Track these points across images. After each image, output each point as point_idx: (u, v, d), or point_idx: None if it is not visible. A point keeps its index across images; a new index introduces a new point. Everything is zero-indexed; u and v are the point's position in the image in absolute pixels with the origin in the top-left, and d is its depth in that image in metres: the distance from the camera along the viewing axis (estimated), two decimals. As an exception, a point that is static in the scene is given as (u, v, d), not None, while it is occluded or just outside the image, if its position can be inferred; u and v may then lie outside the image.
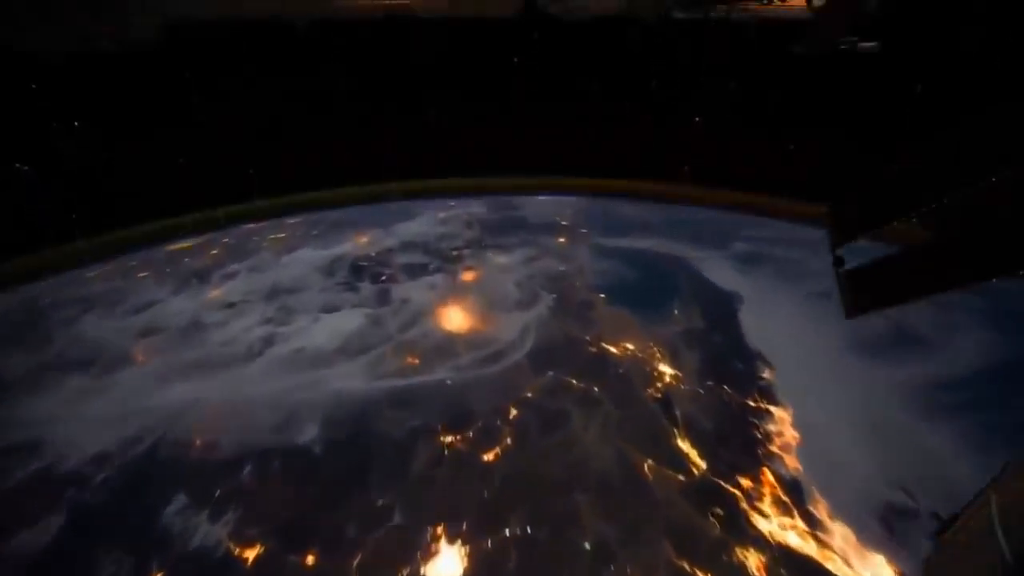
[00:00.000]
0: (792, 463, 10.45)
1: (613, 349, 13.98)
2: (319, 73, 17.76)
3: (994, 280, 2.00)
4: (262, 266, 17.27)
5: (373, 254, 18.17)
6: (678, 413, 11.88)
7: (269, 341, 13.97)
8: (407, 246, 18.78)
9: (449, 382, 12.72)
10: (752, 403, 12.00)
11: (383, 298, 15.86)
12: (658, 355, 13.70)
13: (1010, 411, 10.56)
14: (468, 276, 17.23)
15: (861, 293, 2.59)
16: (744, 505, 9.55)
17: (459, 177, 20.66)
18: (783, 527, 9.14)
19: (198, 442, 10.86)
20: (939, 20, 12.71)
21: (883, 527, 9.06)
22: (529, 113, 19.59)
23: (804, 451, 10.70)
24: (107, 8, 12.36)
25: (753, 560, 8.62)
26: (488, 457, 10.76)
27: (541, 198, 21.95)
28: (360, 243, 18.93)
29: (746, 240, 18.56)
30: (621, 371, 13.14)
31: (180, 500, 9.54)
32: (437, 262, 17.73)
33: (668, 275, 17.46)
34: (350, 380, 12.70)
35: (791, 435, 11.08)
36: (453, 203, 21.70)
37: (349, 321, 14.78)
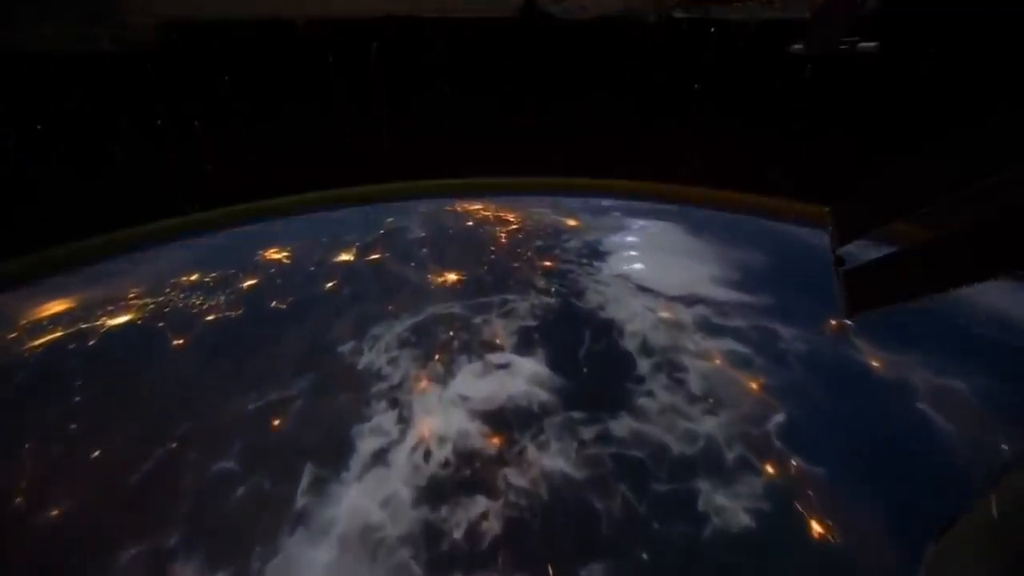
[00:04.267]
0: None
1: None
2: (318, 73, 17.77)
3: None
4: None
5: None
6: None
7: None
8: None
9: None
10: None
11: None
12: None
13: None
14: None
15: (861, 293, 2.60)
16: None
17: (455, 179, 20.45)
18: None
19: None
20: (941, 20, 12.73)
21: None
22: (531, 113, 19.58)
23: None
24: (106, 9, 12.37)
25: None
26: None
27: (631, 301, 12.55)
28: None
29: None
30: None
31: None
32: None
33: None
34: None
35: None
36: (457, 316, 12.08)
37: None
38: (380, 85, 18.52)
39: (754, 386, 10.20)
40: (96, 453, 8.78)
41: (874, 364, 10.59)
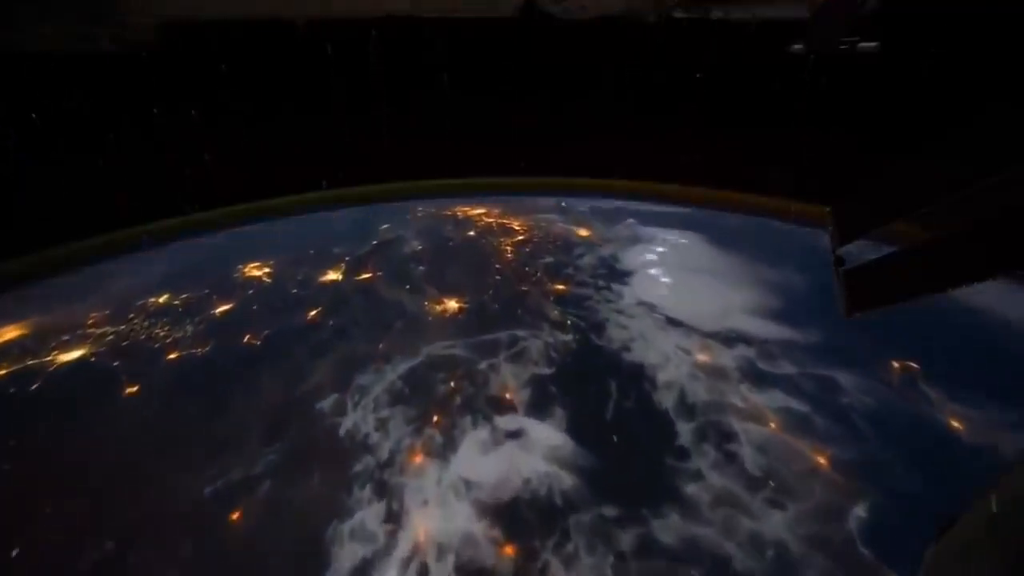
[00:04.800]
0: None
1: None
2: (318, 73, 17.74)
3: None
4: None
5: None
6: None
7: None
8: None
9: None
10: None
11: None
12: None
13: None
14: None
15: (861, 292, 2.60)
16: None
17: (455, 179, 20.38)
18: None
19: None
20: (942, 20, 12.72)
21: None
22: (530, 113, 19.54)
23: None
24: (106, 9, 12.35)
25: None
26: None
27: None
28: None
29: None
30: None
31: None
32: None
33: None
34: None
35: None
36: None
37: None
38: (380, 85, 18.49)
39: (822, 461, 8.21)
40: (14, 551, 6.85)
41: (954, 424, 8.69)
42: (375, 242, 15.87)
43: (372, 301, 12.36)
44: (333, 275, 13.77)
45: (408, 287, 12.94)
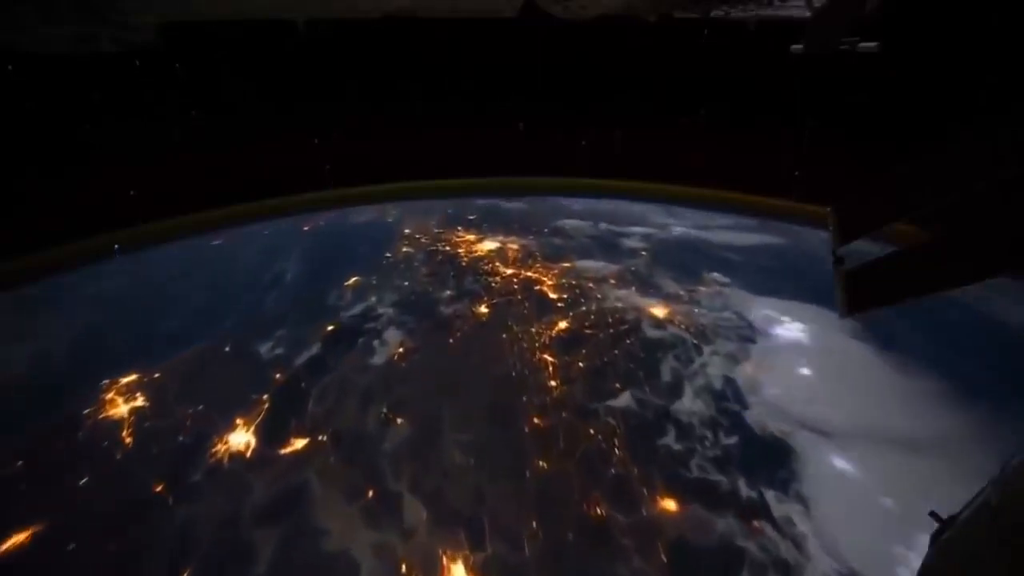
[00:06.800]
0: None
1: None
2: (318, 73, 17.77)
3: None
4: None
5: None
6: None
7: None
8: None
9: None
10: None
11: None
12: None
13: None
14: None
15: (860, 292, 2.60)
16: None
17: (455, 179, 20.32)
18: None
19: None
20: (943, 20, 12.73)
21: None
22: (531, 113, 19.57)
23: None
24: (106, 9, 12.36)
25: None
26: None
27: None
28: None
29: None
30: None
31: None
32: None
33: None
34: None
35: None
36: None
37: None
38: (379, 84, 18.52)
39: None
40: None
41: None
42: (330, 327, 10.73)
43: (296, 562, 6.02)
44: (240, 434, 7.81)
45: (372, 496, 6.87)
